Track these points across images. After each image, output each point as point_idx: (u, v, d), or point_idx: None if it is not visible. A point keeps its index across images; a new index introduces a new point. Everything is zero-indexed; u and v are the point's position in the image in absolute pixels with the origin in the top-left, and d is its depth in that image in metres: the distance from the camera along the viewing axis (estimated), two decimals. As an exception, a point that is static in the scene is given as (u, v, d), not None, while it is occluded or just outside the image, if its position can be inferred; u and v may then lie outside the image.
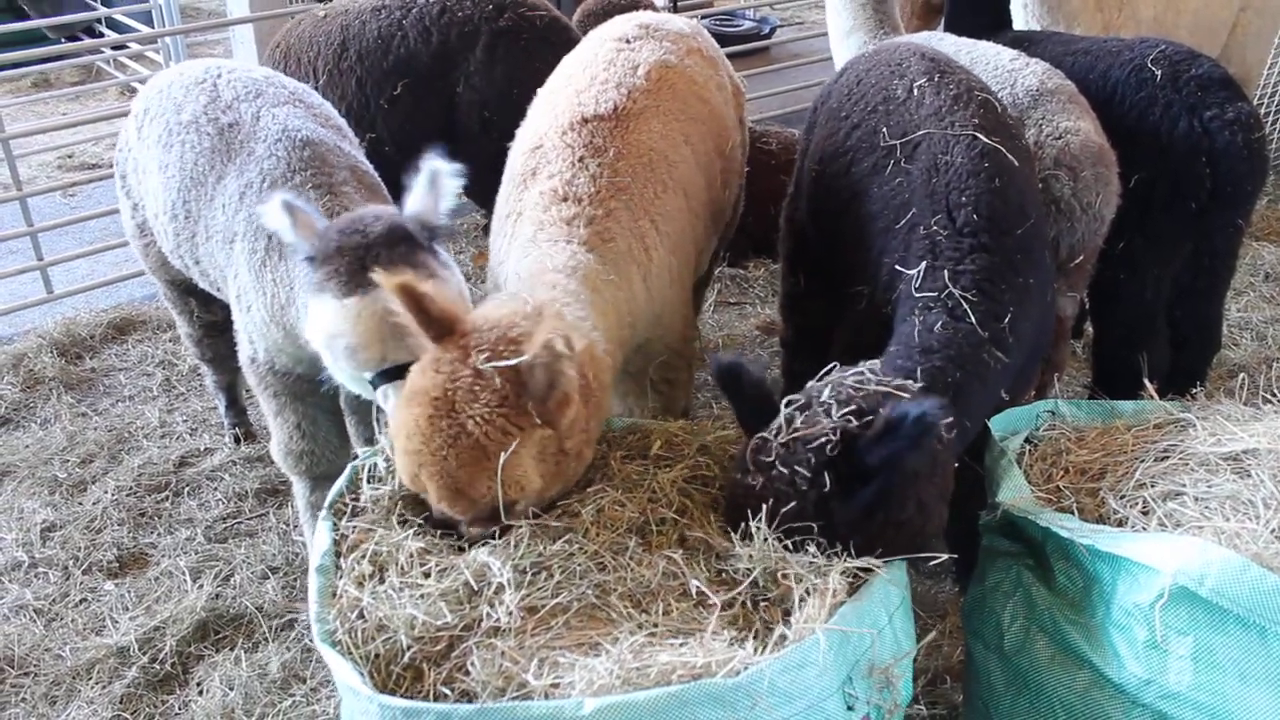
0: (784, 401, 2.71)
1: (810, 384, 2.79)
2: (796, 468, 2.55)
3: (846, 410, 2.60)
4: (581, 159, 3.40)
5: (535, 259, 3.19)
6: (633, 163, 3.46)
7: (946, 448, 2.73)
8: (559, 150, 3.44)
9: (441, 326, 2.70)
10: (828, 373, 2.83)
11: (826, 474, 2.53)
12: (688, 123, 3.81)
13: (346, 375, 3.11)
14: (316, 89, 4.24)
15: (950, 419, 2.63)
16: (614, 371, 3.17)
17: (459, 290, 3.10)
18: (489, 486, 2.65)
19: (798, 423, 2.63)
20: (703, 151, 3.88)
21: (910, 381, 2.76)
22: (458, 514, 2.74)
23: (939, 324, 2.95)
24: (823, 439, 2.56)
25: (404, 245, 2.99)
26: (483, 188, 3.79)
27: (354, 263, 2.92)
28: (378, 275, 2.75)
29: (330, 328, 2.96)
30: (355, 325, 2.91)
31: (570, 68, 3.94)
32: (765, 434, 2.66)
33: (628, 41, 3.95)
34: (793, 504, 2.54)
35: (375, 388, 3.02)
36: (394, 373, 2.94)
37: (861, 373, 2.76)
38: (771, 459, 2.60)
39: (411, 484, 2.77)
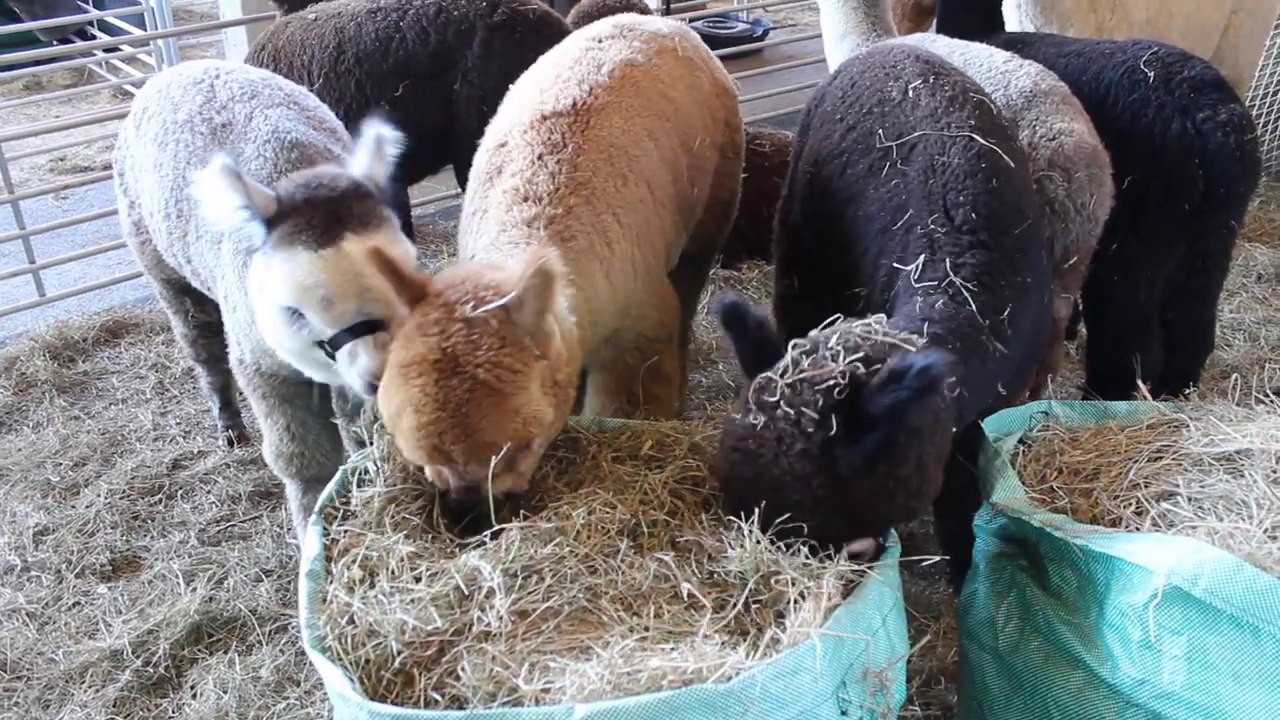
0: (790, 344, 2.68)
1: (814, 332, 2.76)
2: (803, 409, 2.51)
3: (855, 357, 2.57)
4: (540, 156, 3.43)
5: (497, 259, 3.21)
6: (593, 157, 3.48)
7: (948, 407, 2.72)
8: (520, 148, 3.48)
9: (415, 290, 2.74)
10: (832, 322, 2.80)
11: (833, 417, 2.49)
12: (651, 119, 3.84)
13: (299, 344, 3.06)
14: (312, 92, 4.25)
15: (955, 375, 2.62)
16: (579, 353, 3.20)
17: (411, 253, 3.12)
18: (514, 429, 2.69)
19: (804, 365, 2.59)
20: (668, 147, 3.90)
21: (916, 336, 2.75)
22: (484, 468, 2.73)
23: (939, 302, 2.96)
24: (830, 381, 2.52)
25: (370, 200, 3.00)
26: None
27: (327, 215, 2.91)
28: (350, 241, 2.78)
29: (305, 279, 2.91)
30: (333, 275, 2.87)
31: (540, 67, 3.99)
32: (770, 374, 2.62)
33: (599, 41, 4.00)
34: (798, 445, 2.50)
35: (337, 347, 2.96)
36: (363, 328, 2.92)
37: (869, 324, 2.74)
38: (776, 399, 2.56)
39: (430, 458, 2.76)
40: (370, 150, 3.10)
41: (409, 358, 2.69)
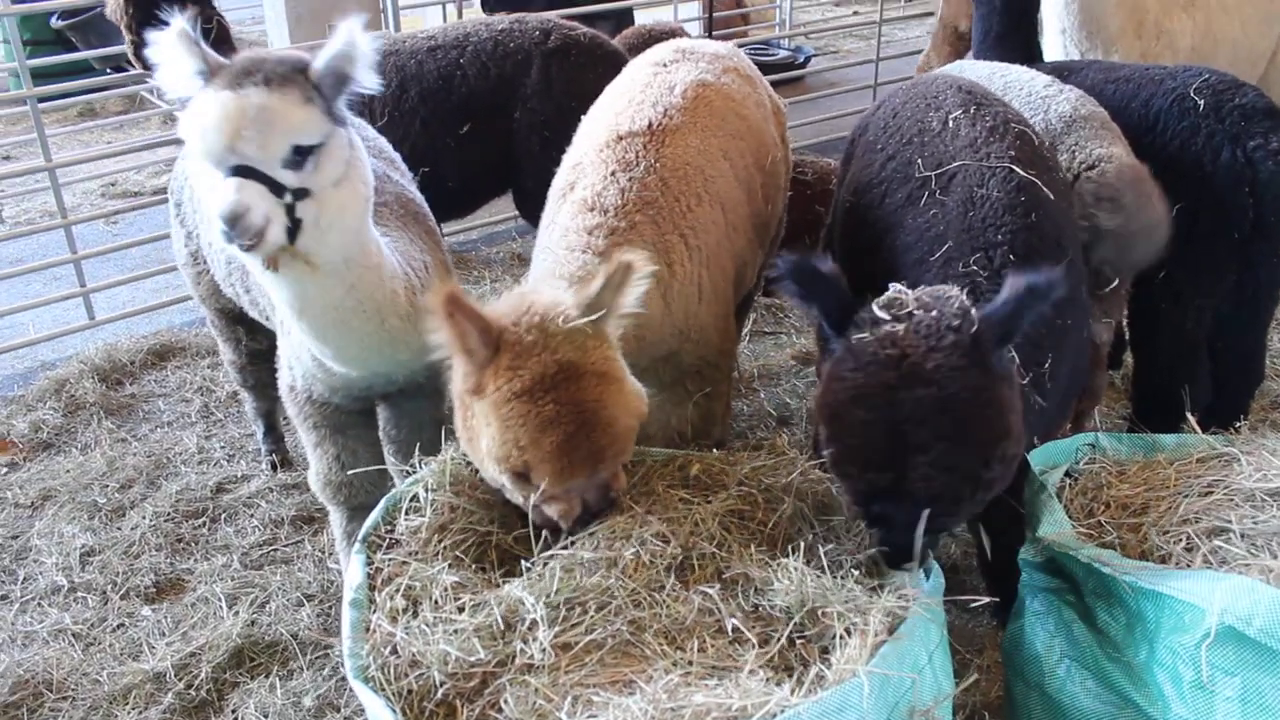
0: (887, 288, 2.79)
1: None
2: (944, 309, 2.59)
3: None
4: (614, 173, 3.46)
5: (549, 265, 3.27)
6: (665, 176, 3.50)
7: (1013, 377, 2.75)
8: (595, 165, 3.51)
9: (494, 330, 2.74)
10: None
11: (972, 312, 2.58)
12: (726, 138, 3.85)
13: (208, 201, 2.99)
14: (376, 130, 4.30)
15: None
16: None
17: (352, 164, 3.04)
18: (637, 406, 2.86)
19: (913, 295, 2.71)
20: (742, 166, 3.91)
21: None
22: (618, 456, 2.84)
23: None
24: (961, 291, 2.68)
25: (295, 70, 2.94)
26: (541, 209, 3.83)
27: (245, 67, 2.90)
28: (251, 90, 2.77)
29: (196, 111, 2.86)
30: (218, 111, 2.82)
31: (611, 94, 4.02)
32: (893, 294, 2.72)
33: (664, 65, 4.02)
34: (949, 338, 2.54)
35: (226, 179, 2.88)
36: (246, 171, 2.85)
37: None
38: (909, 309, 2.62)
39: (574, 473, 2.75)
40: (338, 45, 2.98)
41: (524, 385, 2.69)
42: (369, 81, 3.01)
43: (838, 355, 2.71)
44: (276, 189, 2.86)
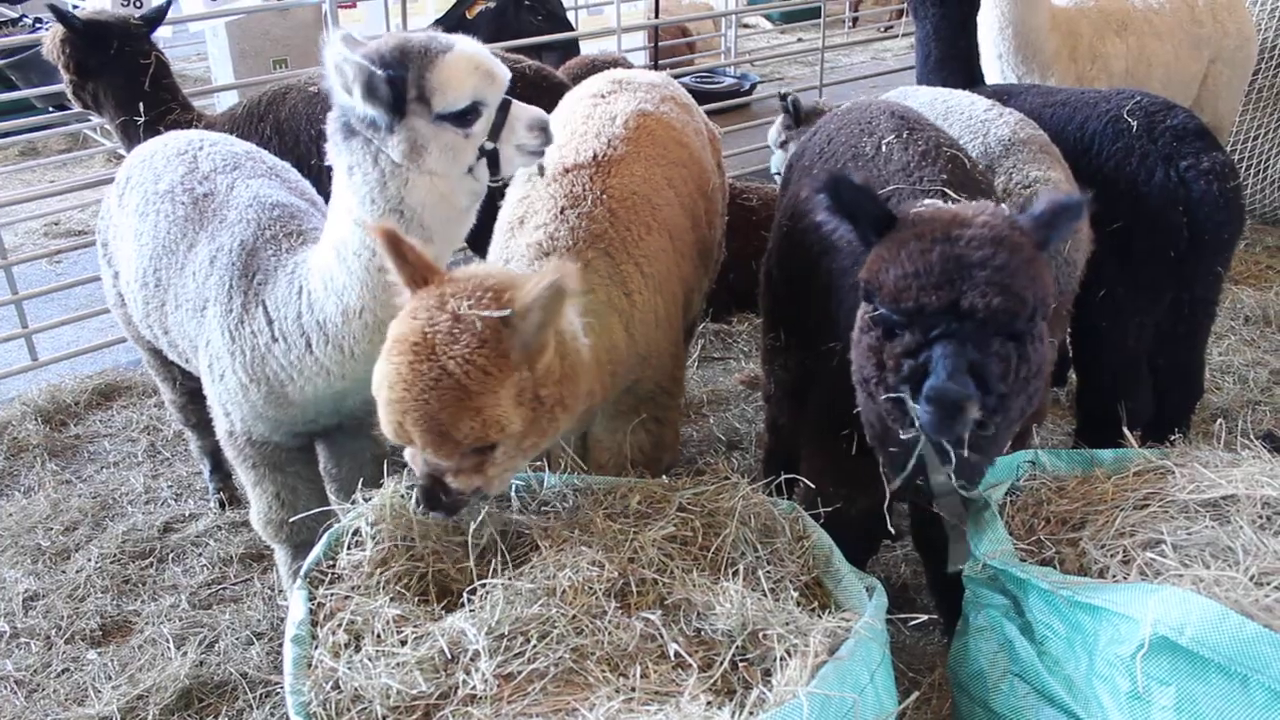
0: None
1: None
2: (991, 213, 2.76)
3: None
4: (563, 210, 3.46)
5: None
6: (614, 207, 3.51)
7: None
8: (543, 200, 3.52)
9: (418, 273, 2.76)
10: None
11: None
12: (669, 166, 3.88)
13: (470, 156, 3.14)
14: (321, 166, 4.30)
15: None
16: (588, 403, 3.19)
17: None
18: (471, 427, 2.67)
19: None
20: (686, 193, 3.94)
21: None
22: (443, 459, 2.75)
23: None
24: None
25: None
26: (486, 236, 3.83)
27: (424, 40, 3.07)
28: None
29: (466, 67, 3.06)
30: (479, 51, 3.11)
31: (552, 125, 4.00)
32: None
33: (603, 96, 4.05)
34: (996, 209, 2.75)
35: (497, 136, 3.17)
36: (506, 104, 3.17)
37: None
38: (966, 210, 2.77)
39: (396, 436, 2.76)
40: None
41: (395, 335, 2.72)
42: None
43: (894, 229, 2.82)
44: None
